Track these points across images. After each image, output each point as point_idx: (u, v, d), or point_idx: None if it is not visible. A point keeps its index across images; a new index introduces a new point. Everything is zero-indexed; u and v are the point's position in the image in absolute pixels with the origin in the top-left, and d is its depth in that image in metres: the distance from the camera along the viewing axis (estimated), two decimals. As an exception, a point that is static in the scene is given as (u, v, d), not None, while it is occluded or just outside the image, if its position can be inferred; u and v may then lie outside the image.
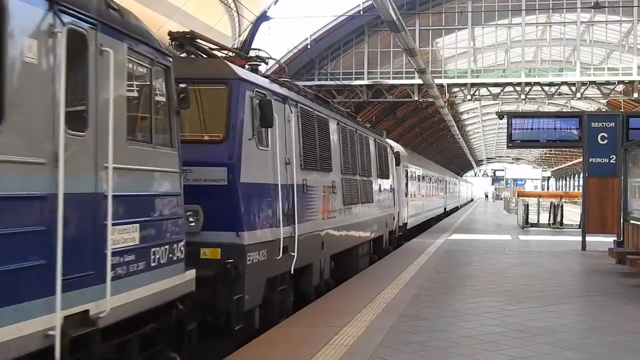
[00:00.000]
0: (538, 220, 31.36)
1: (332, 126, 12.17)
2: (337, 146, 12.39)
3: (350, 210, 13.17)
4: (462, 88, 39.51)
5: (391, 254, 17.95)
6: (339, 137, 12.59)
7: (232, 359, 6.83)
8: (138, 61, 5.63)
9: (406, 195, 23.86)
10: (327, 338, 7.56)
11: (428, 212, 32.24)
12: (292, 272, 9.25)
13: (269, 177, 8.54)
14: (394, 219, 19.59)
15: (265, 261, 8.28)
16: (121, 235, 5.16)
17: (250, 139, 8.03)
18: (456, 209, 55.81)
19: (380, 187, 17.01)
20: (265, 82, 8.93)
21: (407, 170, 24.73)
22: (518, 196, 39.54)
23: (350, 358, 6.79)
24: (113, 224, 4.97)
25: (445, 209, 43.68)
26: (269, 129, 8.52)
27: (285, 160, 9.11)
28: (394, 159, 20.47)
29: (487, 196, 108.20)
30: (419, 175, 29.09)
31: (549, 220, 30.70)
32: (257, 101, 8.23)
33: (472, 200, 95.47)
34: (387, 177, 18.40)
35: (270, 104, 8.30)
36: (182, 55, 8.42)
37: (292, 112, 9.59)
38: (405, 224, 23.14)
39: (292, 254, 9.12)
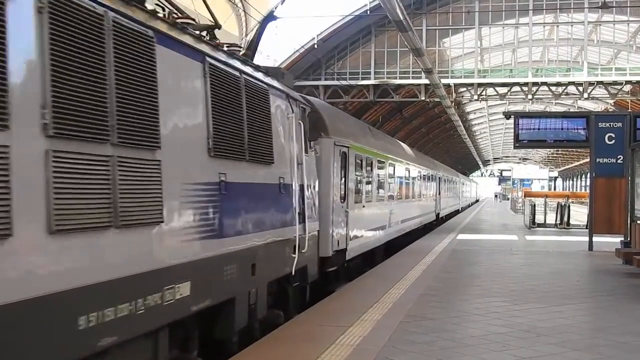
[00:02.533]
0: (545, 221, 31.34)
1: None
2: None
3: None
4: (469, 88, 39.51)
5: (397, 254, 17.76)
6: None
7: (238, 359, 6.83)
8: None
9: (343, 199, 13.35)
10: (333, 338, 7.56)
11: (402, 225, 21.57)
12: None
13: None
14: (299, 249, 9.51)
15: None
16: None
17: None
18: (456, 212, 48.32)
19: (238, 186, 7.37)
20: None
21: (345, 153, 13.64)
22: (525, 196, 39.47)
23: (356, 358, 6.79)
24: None
25: (438, 214, 33.58)
26: None
27: None
28: (301, 125, 9.96)
29: (496, 196, 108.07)
30: (382, 166, 18.14)
31: (556, 220, 30.65)
32: None
33: (477, 201, 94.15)
34: (269, 162, 8.35)
35: None
36: None
37: None
38: (342, 252, 13.19)
39: None
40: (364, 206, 15.51)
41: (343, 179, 13.49)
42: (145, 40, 5.53)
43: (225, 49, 7.67)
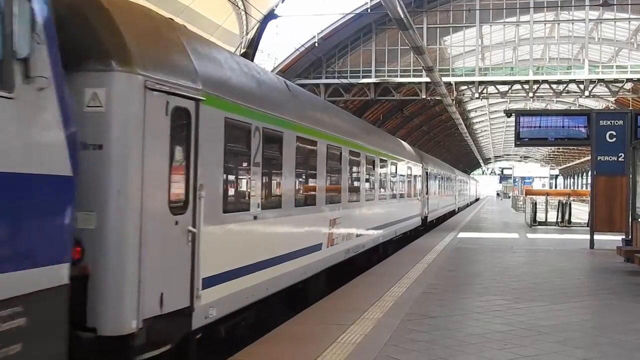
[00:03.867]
0: (546, 219, 31.31)
1: None
2: None
3: None
4: (469, 86, 39.48)
5: (398, 252, 17.76)
6: None
7: (239, 357, 6.83)
8: None
9: (184, 207, 6.51)
10: (334, 336, 7.56)
11: (359, 240, 14.79)
12: None
13: None
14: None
15: None
16: None
17: None
18: (452, 213, 42.50)
19: None
20: None
21: (188, 112, 6.57)
22: (526, 194, 39.46)
23: (357, 356, 6.79)
24: None
25: (425, 218, 27.15)
26: None
27: None
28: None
29: (498, 194, 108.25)
30: (310, 149, 11.21)
31: (557, 218, 30.65)
32: None
33: (477, 199, 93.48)
34: None
35: None
36: None
37: None
38: (182, 315, 6.42)
39: None
40: (255, 217, 8.52)
41: (183, 164, 6.59)
42: None
43: None
